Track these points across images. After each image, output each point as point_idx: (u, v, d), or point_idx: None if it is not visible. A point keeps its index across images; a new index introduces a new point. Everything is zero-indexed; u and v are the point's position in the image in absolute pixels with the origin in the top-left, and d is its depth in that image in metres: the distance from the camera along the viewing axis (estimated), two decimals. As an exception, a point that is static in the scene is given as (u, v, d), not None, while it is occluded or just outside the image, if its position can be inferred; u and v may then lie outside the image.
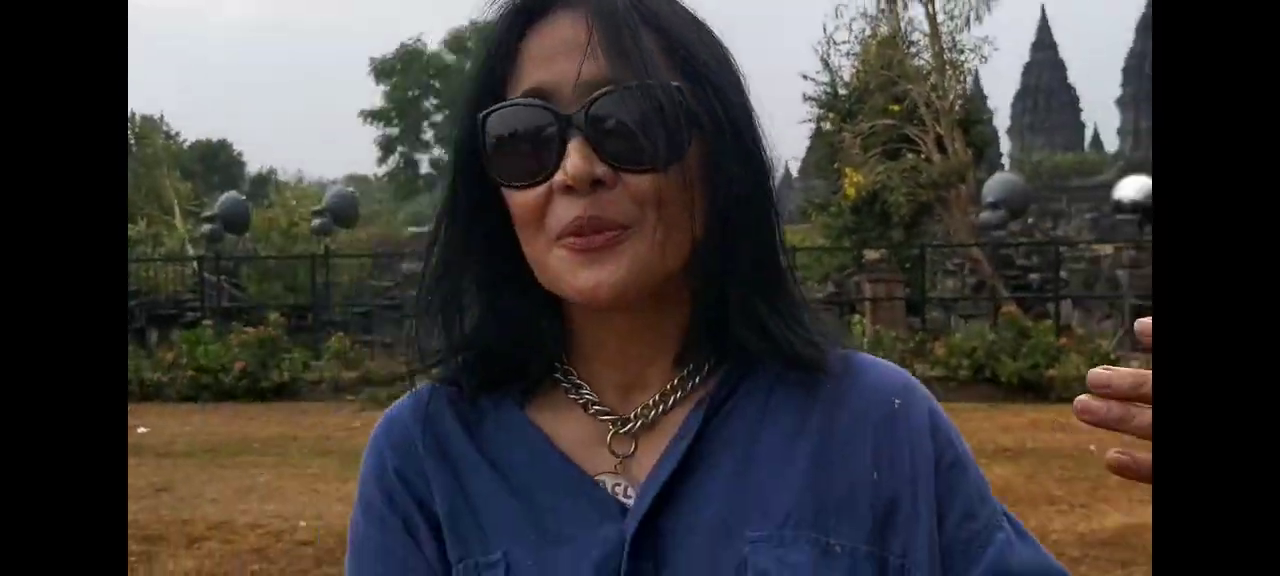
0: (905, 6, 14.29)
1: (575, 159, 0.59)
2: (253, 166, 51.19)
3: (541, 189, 0.61)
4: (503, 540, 0.65)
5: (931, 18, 14.04)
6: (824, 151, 16.42)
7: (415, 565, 0.67)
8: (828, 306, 13.81)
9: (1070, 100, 70.31)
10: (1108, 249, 14.43)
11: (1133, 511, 5.20)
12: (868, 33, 14.91)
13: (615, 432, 0.67)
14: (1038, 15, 69.27)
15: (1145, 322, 0.58)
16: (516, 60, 0.63)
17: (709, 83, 0.62)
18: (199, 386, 9.80)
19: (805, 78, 21.79)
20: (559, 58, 0.61)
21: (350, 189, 14.00)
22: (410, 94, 31.05)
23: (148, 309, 13.45)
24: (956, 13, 14.11)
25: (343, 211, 13.66)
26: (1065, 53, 71.75)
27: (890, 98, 14.34)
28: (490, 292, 0.67)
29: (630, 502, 0.65)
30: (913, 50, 14.34)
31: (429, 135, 31.97)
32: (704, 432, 0.66)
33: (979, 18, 13.86)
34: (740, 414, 0.67)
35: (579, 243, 0.60)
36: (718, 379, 0.68)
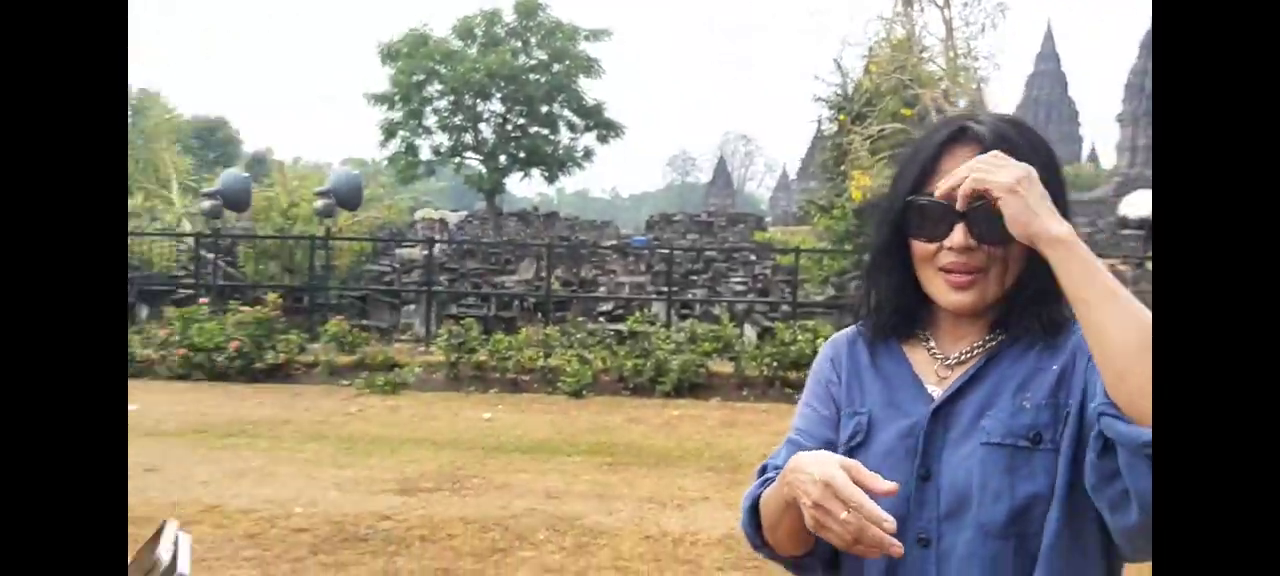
0: (921, 10, 14.17)
1: (959, 236, 1.15)
2: (249, 145, 51.01)
3: (935, 245, 1.18)
4: (870, 404, 1.25)
5: (948, 22, 13.92)
6: (828, 153, 16.29)
7: (827, 411, 1.28)
8: (827, 310, 13.71)
9: (1070, 114, 70.40)
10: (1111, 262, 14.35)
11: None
12: (882, 35, 14.79)
13: (941, 363, 1.23)
14: (1044, 27, 69.08)
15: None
16: (938, 165, 1.19)
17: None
18: (191, 365, 9.62)
19: (816, 78, 21.57)
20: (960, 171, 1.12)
21: (355, 171, 13.80)
22: (415, 78, 30.82)
23: (139, 284, 13.27)
24: (972, 20, 14.00)
25: (347, 193, 13.47)
26: (1068, 66, 71.79)
27: (901, 101, 14.22)
28: (897, 286, 1.23)
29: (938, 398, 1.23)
30: (926, 55, 14.21)
31: (432, 121, 31.77)
32: (984, 370, 1.19)
33: (994, 25, 13.74)
34: (1008, 361, 1.19)
35: (955, 279, 1.17)
36: (1002, 342, 1.21)
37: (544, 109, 32.32)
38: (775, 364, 9.51)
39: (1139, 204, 10.57)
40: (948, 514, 1.14)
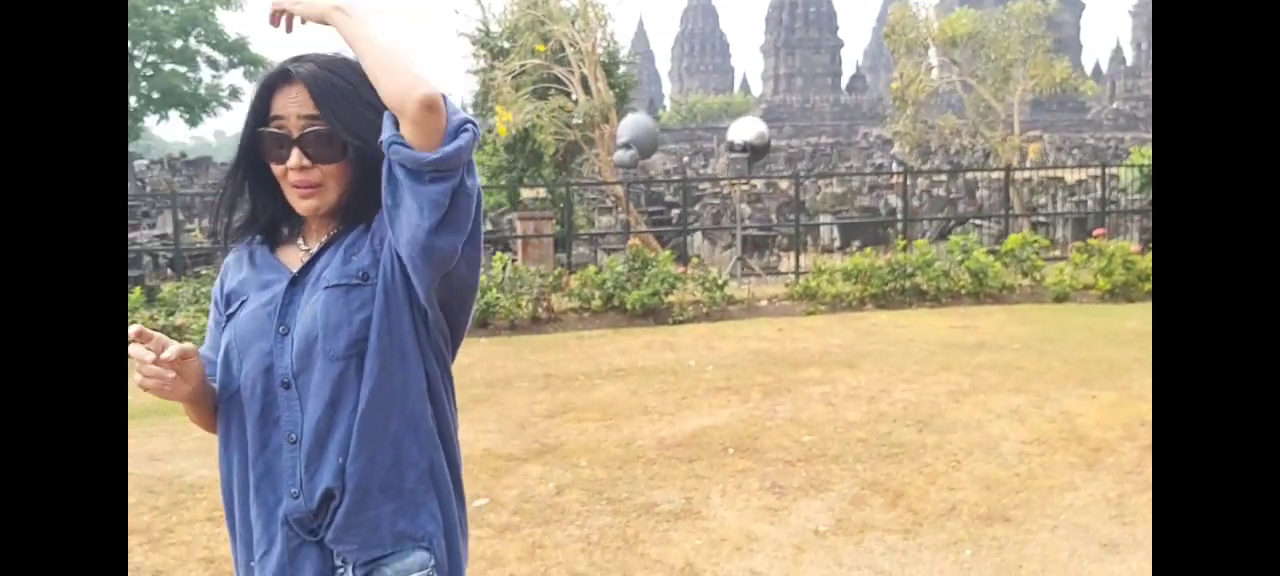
0: (552, -52, 14.56)
1: (295, 158, 1.48)
2: None
3: (283, 166, 1.49)
4: (244, 288, 1.55)
5: (576, -41, 14.43)
6: (476, 90, 16.43)
7: (218, 315, 1.59)
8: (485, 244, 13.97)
9: (722, 46, 75.60)
10: (745, 185, 15.92)
11: (712, 414, 5.89)
12: (519, -29, 15.04)
13: (304, 252, 1.54)
14: (694, -37, 72.81)
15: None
16: (270, 105, 1.49)
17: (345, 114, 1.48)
18: None
19: (457, 13, 21.41)
20: (290, 104, 1.48)
21: None
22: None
23: None
24: (601, -44, 14.63)
25: None
26: (718, 1, 76.55)
27: (537, 37, 14.62)
28: (266, 201, 1.56)
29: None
30: (558, -9, 14.67)
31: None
32: (328, 245, 1.52)
33: (624, -38, 14.43)
34: (344, 237, 1.52)
35: (301, 191, 1.49)
36: (342, 229, 1.53)
37: (177, 44, 29.40)
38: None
39: (743, 129, 11.81)
40: (301, 355, 1.45)
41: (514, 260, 11.71)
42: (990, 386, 6.37)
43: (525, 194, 16.22)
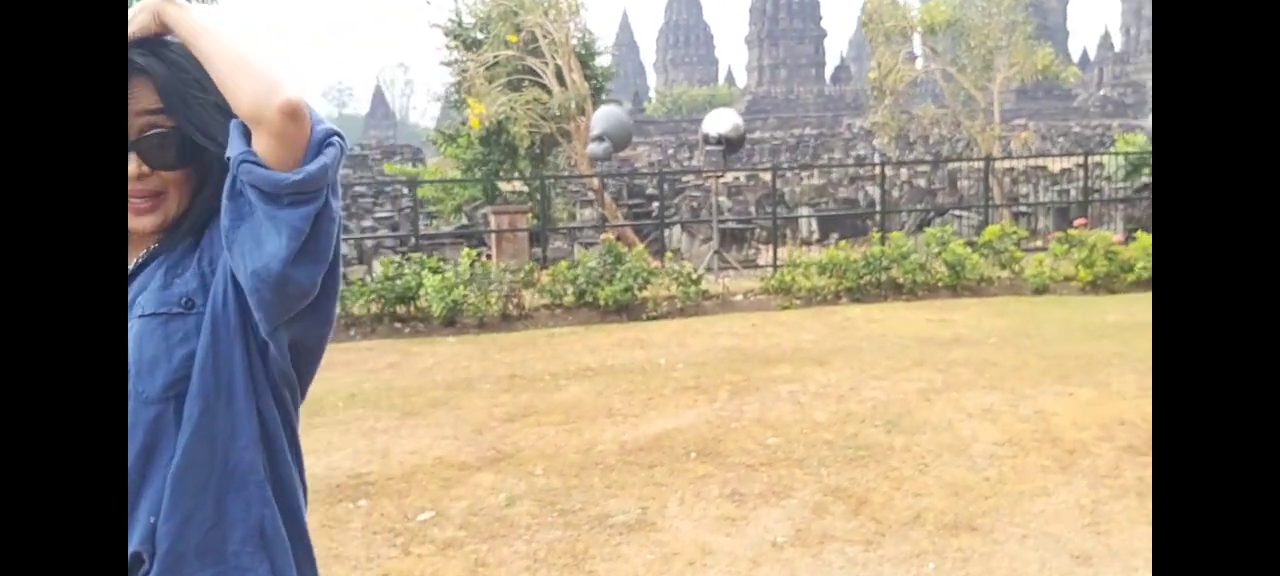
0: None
1: (133, 165, 1.23)
2: None
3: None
4: None
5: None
6: (450, 82, 16.18)
7: None
8: (456, 240, 13.75)
9: (706, 37, 75.40)
10: (726, 177, 15.73)
11: (678, 416, 5.69)
12: (487, -39, 14.79)
13: None
14: (676, -46, 72.66)
15: None
16: None
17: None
18: None
19: (429, 4, 21.17)
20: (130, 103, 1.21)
21: None
22: None
23: None
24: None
25: None
26: (702, -9, 76.30)
27: (511, 28, 14.38)
28: None
29: None
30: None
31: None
32: (146, 265, 1.28)
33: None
34: (164, 253, 1.29)
35: (136, 204, 1.25)
36: (163, 242, 1.29)
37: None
38: (381, 300, 9.40)
39: (717, 121, 11.60)
40: None
41: (486, 256, 11.48)
42: (963, 383, 6.19)
43: (504, 188, 15.97)
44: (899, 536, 3.89)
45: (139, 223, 1.27)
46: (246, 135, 1.16)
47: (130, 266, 1.30)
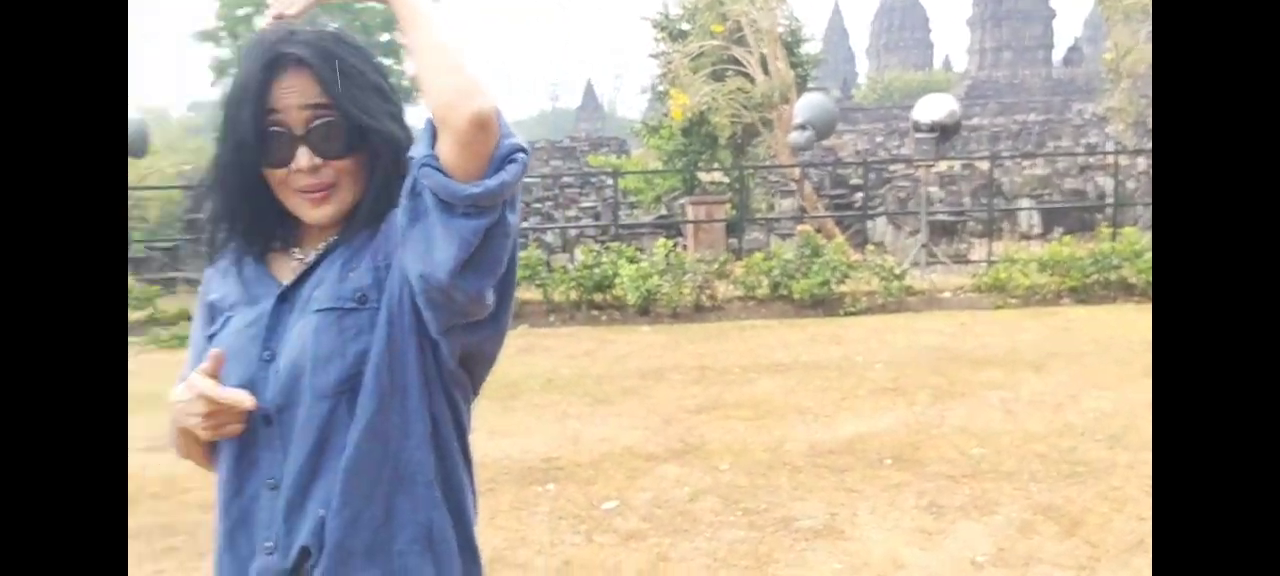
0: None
1: (304, 159, 1.24)
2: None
3: (285, 170, 1.25)
4: (230, 301, 1.32)
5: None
6: (656, 73, 16.33)
7: (207, 330, 1.33)
8: (654, 230, 13.88)
9: (922, 20, 72.33)
10: (938, 167, 14.97)
11: (873, 418, 5.43)
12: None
13: (299, 262, 1.30)
14: (891, -63, 70.19)
15: None
16: (268, 96, 1.23)
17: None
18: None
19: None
20: (289, 95, 1.23)
21: (139, 116, 13.16)
22: (241, 12, 29.19)
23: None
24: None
25: (135, 140, 12.81)
26: (918, -26, 73.24)
27: (717, 17, 14.31)
28: (257, 210, 1.29)
29: None
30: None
31: (263, 57, 30.13)
32: (323, 258, 1.28)
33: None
34: (341, 247, 1.28)
35: (312, 197, 1.25)
36: (340, 235, 1.29)
37: (384, 37, 31.25)
38: (580, 288, 9.61)
39: (929, 108, 11.01)
40: (286, 388, 1.22)
41: (681, 246, 11.50)
42: (1205, 398, 5.53)
43: (704, 178, 15.96)
44: (1118, 563, 3.50)
45: (314, 214, 1.27)
46: (433, 137, 1.13)
47: (309, 259, 1.30)
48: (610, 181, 15.16)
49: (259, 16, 30.88)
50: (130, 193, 13.06)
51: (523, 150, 1.13)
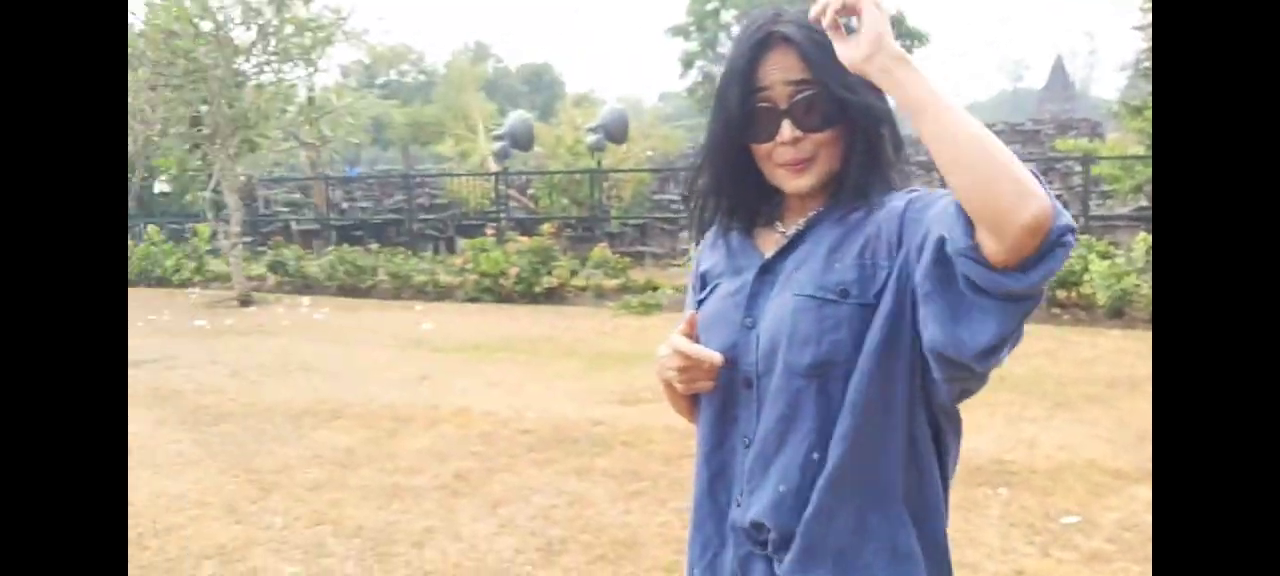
0: None
1: (786, 132, 1.28)
2: (572, 87, 54.61)
3: (770, 144, 1.29)
4: (718, 270, 1.41)
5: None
6: (1140, 48, 14.47)
7: (693, 293, 1.46)
8: (1131, 223, 12.39)
9: None
10: None
11: None
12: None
13: (781, 234, 1.36)
14: None
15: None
16: (754, 75, 1.28)
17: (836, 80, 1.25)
18: (481, 289, 10.90)
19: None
20: (774, 71, 1.27)
21: (621, 107, 14.77)
22: (709, 6, 31.20)
23: (455, 220, 15.04)
24: None
25: (615, 128, 14.39)
26: None
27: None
28: (745, 185, 1.36)
29: None
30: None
31: (726, 48, 31.94)
32: (806, 233, 1.32)
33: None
34: (827, 225, 1.31)
35: (792, 168, 1.30)
36: (823, 210, 1.33)
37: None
38: (1040, 281, 8.88)
39: None
40: (766, 355, 1.29)
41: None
42: None
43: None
44: None
45: (795, 183, 1.31)
46: (967, 221, 1.06)
47: (790, 232, 1.35)
48: (1079, 168, 13.79)
49: (725, 10, 32.72)
50: (609, 175, 14.79)
51: (1072, 229, 1.05)
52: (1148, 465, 4.52)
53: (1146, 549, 3.61)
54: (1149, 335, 7.70)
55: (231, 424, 5.90)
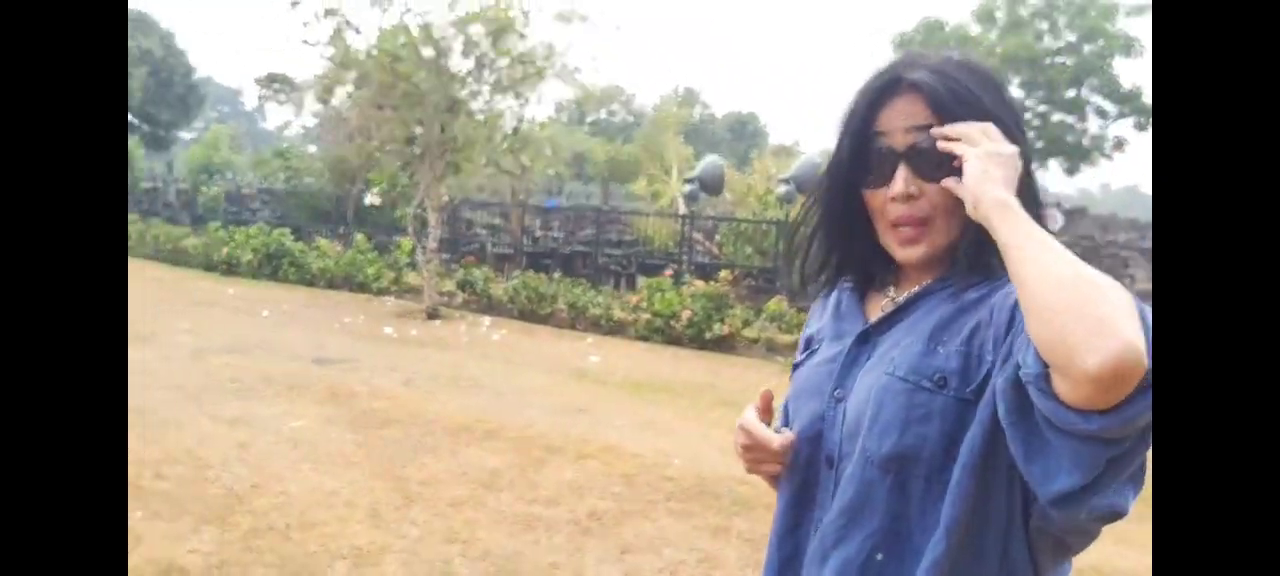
0: None
1: (900, 179, 1.17)
2: (777, 138, 54.62)
3: (883, 195, 1.19)
4: (822, 333, 1.31)
5: None
6: None
7: (798, 354, 1.35)
8: None
9: None
10: None
11: None
12: None
13: (889, 300, 1.25)
14: None
15: None
16: (874, 120, 1.19)
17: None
18: (653, 329, 10.93)
19: None
20: (898, 117, 1.17)
21: (719, 160, 14.67)
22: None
23: (639, 257, 15.24)
24: None
25: (710, 180, 14.41)
26: None
27: None
28: (858, 249, 1.27)
29: None
30: None
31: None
32: (911, 305, 1.20)
33: None
34: (935, 301, 1.18)
35: (903, 233, 1.18)
36: (934, 282, 1.20)
37: (1069, 94, 29.76)
38: None
39: None
40: (849, 436, 1.17)
41: None
42: None
43: None
44: None
45: (905, 253, 1.19)
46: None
47: (901, 299, 1.22)
48: None
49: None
50: (702, 220, 14.47)
51: None
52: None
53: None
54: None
55: (394, 430, 6.15)
